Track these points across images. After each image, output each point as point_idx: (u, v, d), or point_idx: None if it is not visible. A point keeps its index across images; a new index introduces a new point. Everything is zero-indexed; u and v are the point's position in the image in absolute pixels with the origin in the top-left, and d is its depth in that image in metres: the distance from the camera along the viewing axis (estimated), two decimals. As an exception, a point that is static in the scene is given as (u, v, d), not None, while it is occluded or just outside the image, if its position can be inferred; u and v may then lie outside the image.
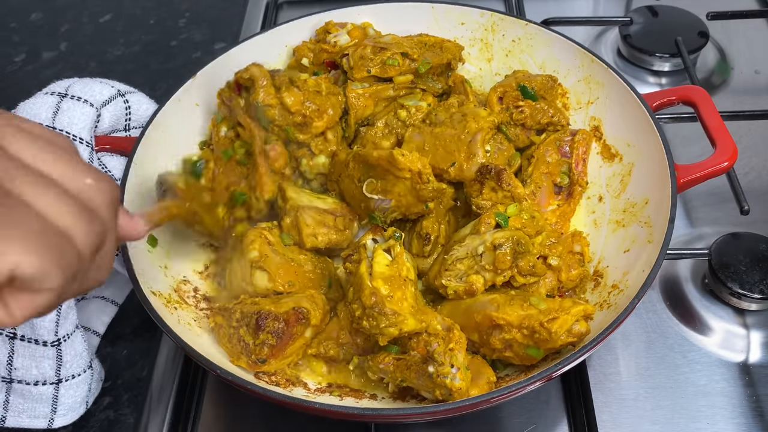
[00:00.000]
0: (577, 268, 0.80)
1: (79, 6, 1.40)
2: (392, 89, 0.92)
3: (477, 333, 0.73)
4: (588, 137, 0.90)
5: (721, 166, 0.79)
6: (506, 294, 0.74)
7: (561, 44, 0.96)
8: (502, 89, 0.92)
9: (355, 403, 0.74)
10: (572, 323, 0.69)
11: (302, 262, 0.81)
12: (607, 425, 0.76)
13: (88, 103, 0.84)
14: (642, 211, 0.82)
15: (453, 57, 0.96)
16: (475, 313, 0.73)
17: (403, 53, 0.91)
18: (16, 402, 0.77)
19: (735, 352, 0.82)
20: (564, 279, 0.79)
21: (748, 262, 0.85)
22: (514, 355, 0.72)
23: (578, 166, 0.88)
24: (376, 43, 0.92)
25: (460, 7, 1.01)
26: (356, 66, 0.90)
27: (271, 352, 0.73)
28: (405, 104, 0.92)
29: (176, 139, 0.91)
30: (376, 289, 0.70)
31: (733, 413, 0.76)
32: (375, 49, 0.91)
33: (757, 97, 1.12)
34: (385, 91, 0.91)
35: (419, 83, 0.93)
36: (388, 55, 0.90)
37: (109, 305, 0.88)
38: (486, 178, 0.82)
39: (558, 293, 0.80)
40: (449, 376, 0.67)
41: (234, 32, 1.30)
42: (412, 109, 0.92)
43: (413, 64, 0.91)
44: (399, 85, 0.92)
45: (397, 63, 0.90)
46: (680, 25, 1.17)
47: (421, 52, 0.92)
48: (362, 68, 0.90)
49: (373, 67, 0.90)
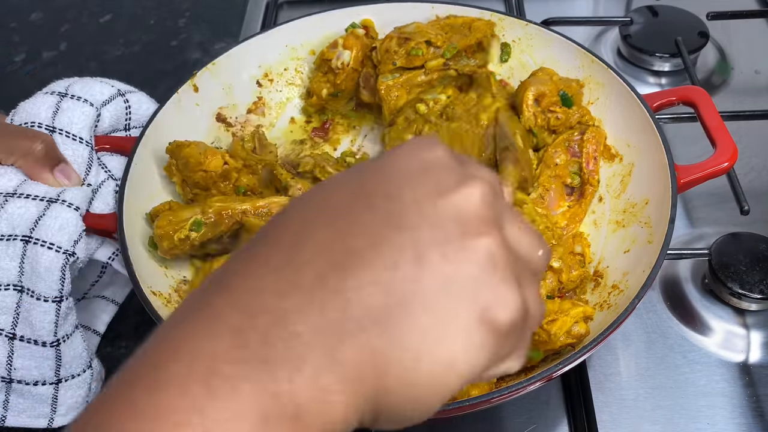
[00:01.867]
0: (578, 269, 0.80)
1: (79, 6, 1.40)
2: (424, 74, 0.91)
3: None
4: (597, 134, 0.89)
5: (721, 167, 0.79)
6: None
7: (561, 44, 0.95)
8: (539, 90, 0.89)
9: (355, 403, 0.74)
10: (571, 324, 0.69)
11: None
12: (607, 425, 0.76)
13: (88, 103, 0.84)
14: (642, 212, 0.82)
15: (484, 35, 0.95)
16: None
17: (427, 41, 0.91)
18: (16, 402, 0.77)
19: (735, 352, 0.82)
20: (565, 280, 0.79)
21: (748, 262, 0.85)
22: None
23: (589, 164, 0.87)
24: (400, 34, 0.92)
25: (460, 7, 1.01)
26: (383, 61, 0.92)
27: None
28: (424, 98, 0.92)
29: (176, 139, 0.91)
30: None
31: (733, 413, 0.76)
32: (400, 40, 0.92)
33: (757, 97, 1.12)
34: (417, 78, 0.91)
35: (452, 65, 0.93)
36: (412, 45, 0.91)
37: (109, 304, 0.88)
38: None
39: (558, 294, 0.80)
40: None
41: (234, 32, 1.29)
42: (431, 102, 0.91)
43: (438, 50, 0.91)
44: (431, 70, 0.91)
45: (421, 52, 0.90)
46: (680, 25, 1.17)
47: (447, 37, 0.92)
48: (388, 62, 0.91)
49: (399, 59, 0.90)
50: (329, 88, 0.97)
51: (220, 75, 0.96)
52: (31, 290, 0.73)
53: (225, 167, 0.84)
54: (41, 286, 0.73)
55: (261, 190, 0.86)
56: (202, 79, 0.94)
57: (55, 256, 0.73)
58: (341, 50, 0.96)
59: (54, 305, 0.73)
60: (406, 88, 0.90)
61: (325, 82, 0.97)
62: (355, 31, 0.98)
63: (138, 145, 0.85)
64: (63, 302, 0.73)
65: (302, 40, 1.02)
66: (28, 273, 0.73)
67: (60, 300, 0.73)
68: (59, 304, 0.73)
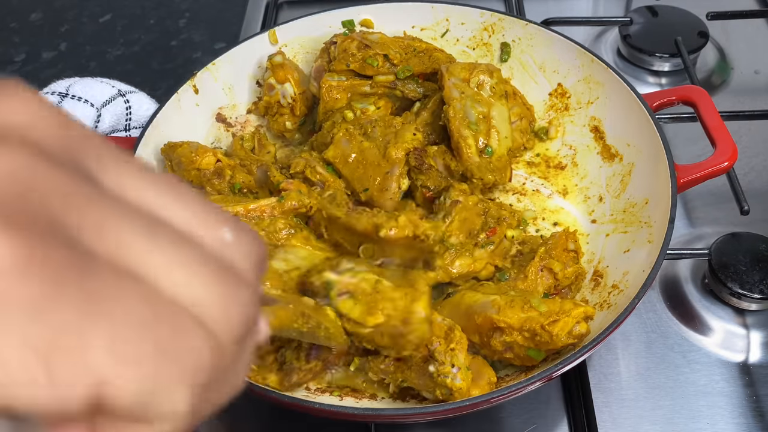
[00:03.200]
0: (572, 266, 0.80)
1: (79, 6, 1.40)
2: (369, 86, 0.91)
3: (478, 335, 0.73)
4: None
5: (721, 166, 0.79)
6: (506, 295, 0.74)
7: (561, 44, 0.95)
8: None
9: (355, 403, 0.74)
10: (573, 325, 0.69)
11: None
12: (607, 425, 0.76)
13: (89, 103, 0.84)
14: (642, 211, 0.82)
15: (440, 66, 0.95)
16: (475, 315, 0.73)
17: (385, 55, 0.91)
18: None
19: (735, 352, 0.82)
20: (560, 277, 0.80)
21: (748, 262, 0.85)
22: (514, 356, 0.72)
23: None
24: (363, 39, 0.92)
25: (460, 7, 1.01)
26: (338, 58, 0.91)
27: (313, 378, 0.72)
28: (354, 105, 0.91)
29: (176, 140, 0.91)
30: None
31: (733, 413, 0.76)
32: (360, 45, 0.91)
33: (757, 97, 1.12)
34: (361, 87, 0.91)
35: (399, 86, 0.92)
36: (371, 54, 0.90)
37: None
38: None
39: (554, 291, 0.80)
40: (450, 375, 0.67)
41: (234, 32, 1.29)
42: (358, 111, 0.90)
43: (393, 68, 0.91)
44: (378, 84, 0.91)
45: (376, 64, 0.90)
46: (680, 25, 1.17)
47: (405, 58, 0.92)
48: (342, 61, 0.91)
49: (353, 62, 0.90)
50: (292, 120, 0.96)
51: (220, 75, 0.96)
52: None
53: (218, 164, 0.84)
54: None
55: (257, 189, 0.86)
56: (202, 79, 0.94)
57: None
58: (280, 87, 0.94)
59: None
60: (347, 92, 0.90)
61: (285, 120, 0.96)
62: (273, 60, 0.95)
63: (138, 145, 0.85)
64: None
65: (302, 40, 1.02)
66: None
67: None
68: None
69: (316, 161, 0.85)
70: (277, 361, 0.71)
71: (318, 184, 0.83)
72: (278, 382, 0.70)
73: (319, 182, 0.83)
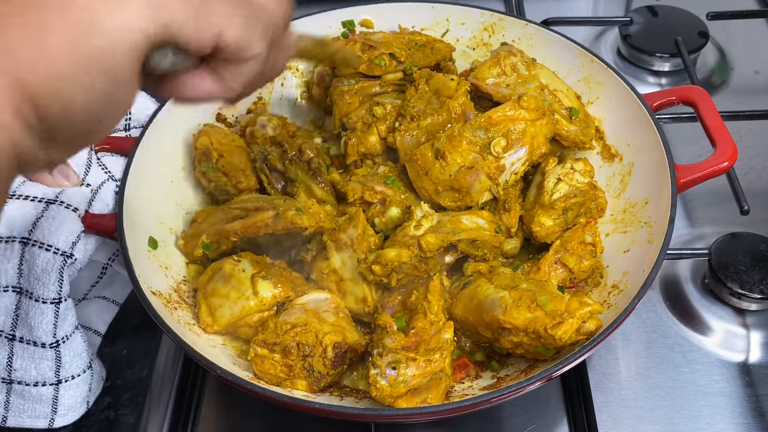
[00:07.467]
0: (589, 259, 0.80)
1: (79, 6, 1.39)
2: (378, 86, 0.91)
3: (489, 331, 0.73)
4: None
5: (721, 166, 0.79)
6: (516, 291, 0.73)
7: (561, 44, 0.95)
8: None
9: (355, 403, 0.74)
10: (577, 326, 0.68)
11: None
12: (607, 425, 0.76)
13: (88, 104, 0.84)
14: (642, 211, 0.82)
15: (443, 58, 0.95)
16: (484, 313, 0.73)
17: (391, 54, 0.91)
18: (16, 402, 0.77)
19: (735, 352, 0.82)
20: (576, 270, 0.79)
21: (748, 262, 0.85)
22: (525, 352, 0.72)
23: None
24: (366, 41, 0.92)
25: (460, 7, 1.01)
26: None
27: (340, 378, 0.76)
28: (381, 101, 0.90)
29: (176, 140, 0.91)
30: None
31: (733, 413, 0.76)
32: (364, 46, 0.91)
33: (757, 97, 1.12)
34: (371, 88, 0.91)
35: (408, 80, 0.93)
36: (376, 54, 0.91)
37: (110, 305, 0.88)
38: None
39: (570, 284, 0.80)
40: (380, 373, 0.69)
41: (234, 32, 1.29)
42: (388, 106, 0.90)
43: (400, 65, 0.91)
44: (386, 83, 0.91)
45: (383, 63, 0.90)
46: (680, 25, 1.17)
47: (409, 53, 0.92)
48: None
49: (360, 64, 0.90)
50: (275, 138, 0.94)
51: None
52: (29, 292, 0.73)
53: (208, 146, 0.88)
54: (39, 288, 0.73)
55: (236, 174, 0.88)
56: (202, 80, 0.94)
57: (52, 257, 0.72)
58: (261, 120, 0.94)
59: (53, 307, 0.73)
60: (359, 96, 0.90)
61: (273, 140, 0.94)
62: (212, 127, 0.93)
63: (138, 146, 0.85)
64: (62, 304, 0.73)
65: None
66: (26, 275, 0.73)
67: (59, 301, 0.73)
68: (58, 305, 0.73)
69: (373, 180, 0.85)
70: (305, 369, 0.73)
71: (378, 202, 0.84)
72: (308, 387, 0.73)
73: (380, 200, 0.84)
